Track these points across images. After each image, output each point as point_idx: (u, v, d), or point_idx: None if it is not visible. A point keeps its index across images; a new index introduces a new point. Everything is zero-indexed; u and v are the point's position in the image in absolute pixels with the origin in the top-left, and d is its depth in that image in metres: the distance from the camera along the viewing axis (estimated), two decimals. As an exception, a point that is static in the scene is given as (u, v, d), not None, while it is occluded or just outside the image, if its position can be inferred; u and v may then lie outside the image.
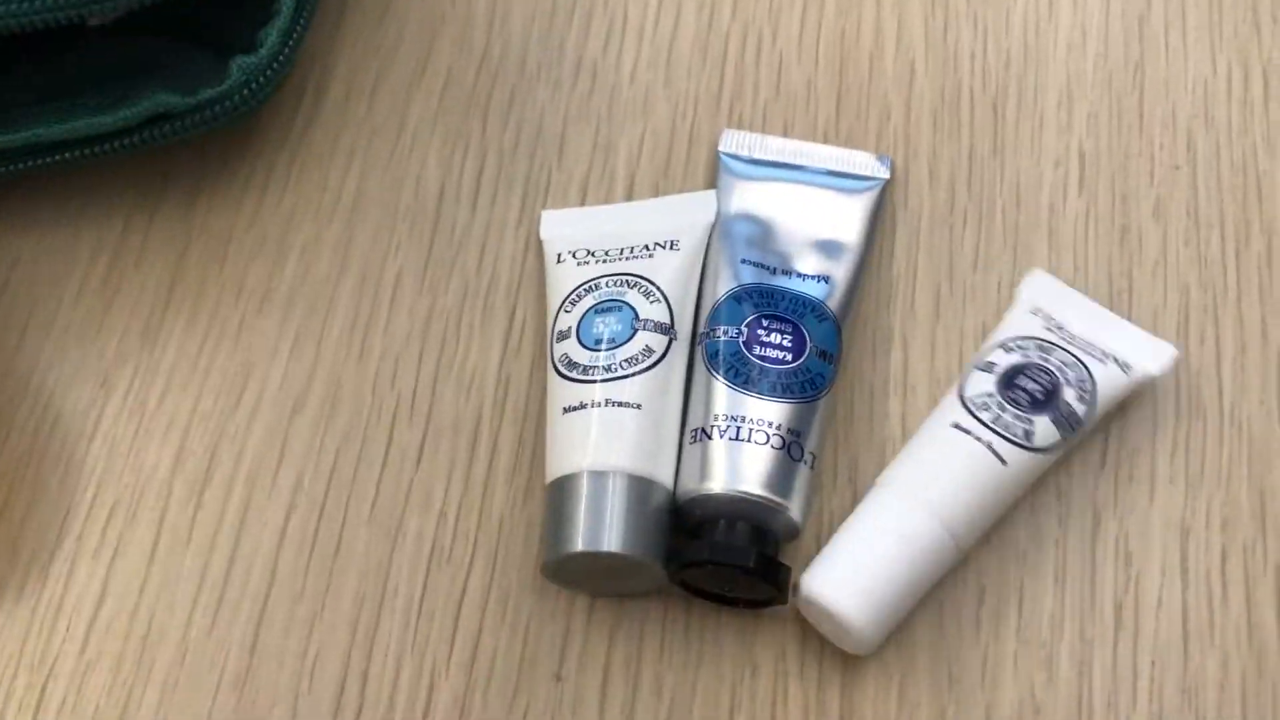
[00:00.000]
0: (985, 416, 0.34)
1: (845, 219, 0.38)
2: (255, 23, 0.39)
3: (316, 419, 0.38)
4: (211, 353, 0.39)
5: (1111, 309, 0.38)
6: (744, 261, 0.37)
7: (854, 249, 0.38)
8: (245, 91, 0.38)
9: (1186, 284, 0.39)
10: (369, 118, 0.42)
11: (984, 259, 0.39)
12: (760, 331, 0.36)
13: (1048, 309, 0.37)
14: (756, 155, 0.40)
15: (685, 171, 0.41)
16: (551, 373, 0.36)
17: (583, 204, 0.41)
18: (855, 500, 0.35)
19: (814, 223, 0.38)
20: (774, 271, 0.37)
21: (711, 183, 0.40)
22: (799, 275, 0.37)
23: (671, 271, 0.37)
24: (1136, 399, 0.37)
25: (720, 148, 0.40)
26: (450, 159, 0.41)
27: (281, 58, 0.39)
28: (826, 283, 0.37)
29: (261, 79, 0.38)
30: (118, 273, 0.40)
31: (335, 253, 0.40)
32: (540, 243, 0.40)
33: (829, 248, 0.38)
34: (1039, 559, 0.35)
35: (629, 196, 0.41)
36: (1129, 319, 0.38)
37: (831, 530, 0.35)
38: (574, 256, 0.38)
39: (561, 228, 0.39)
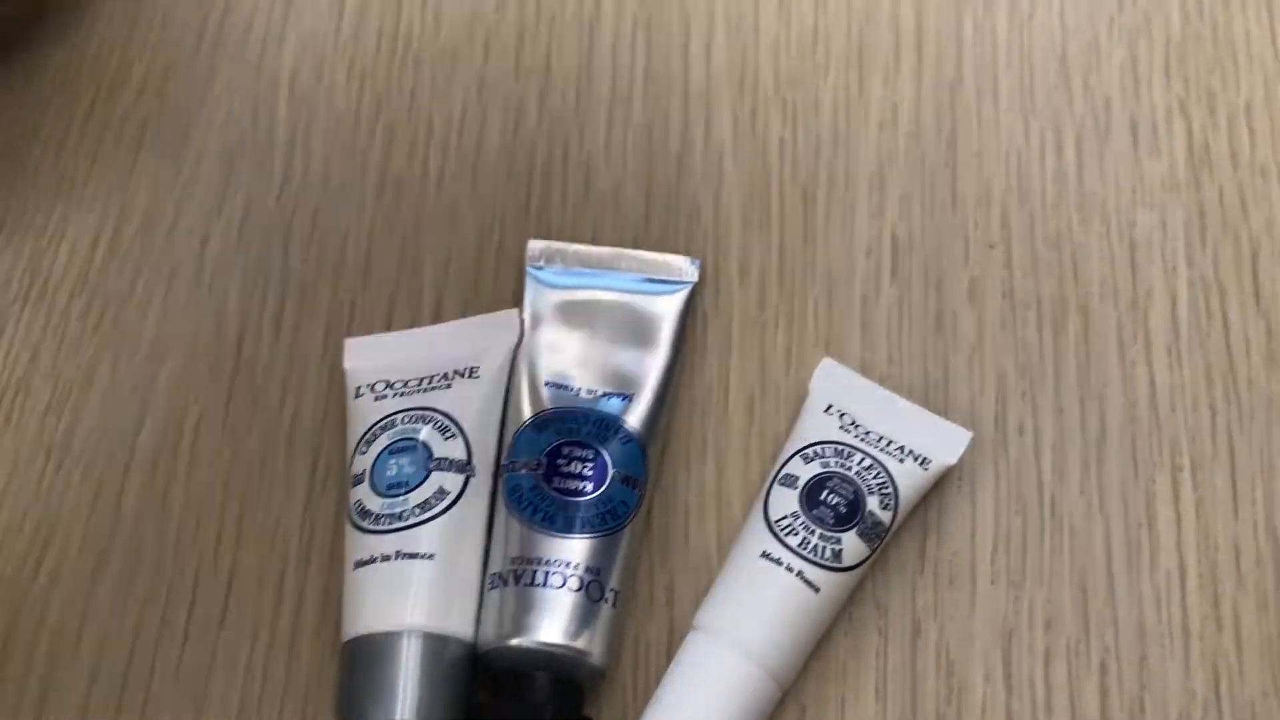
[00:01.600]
0: (793, 541, 0.33)
1: (653, 327, 0.37)
2: None
3: (118, 581, 0.37)
4: (8, 516, 0.38)
5: (927, 401, 0.37)
6: (547, 384, 0.36)
7: (662, 358, 0.37)
8: None
9: (1004, 370, 0.38)
10: (168, 255, 0.41)
11: (796, 359, 0.38)
12: (560, 461, 0.34)
13: (841, 403, 0.36)
14: (560, 266, 0.39)
15: (494, 287, 0.40)
16: (346, 523, 0.35)
17: (389, 328, 0.39)
18: (672, 627, 0.35)
19: (621, 334, 0.37)
20: (577, 393, 0.36)
21: (521, 297, 0.39)
22: (604, 395, 0.36)
23: (470, 401, 0.36)
24: (955, 495, 0.36)
25: (527, 261, 0.39)
26: (251, 293, 0.40)
27: None
28: (631, 400, 0.36)
29: None
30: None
31: (134, 398, 0.39)
32: (344, 375, 0.39)
33: (636, 360, 0.36)
34: (859, 674, 0.34)
35: (437, 317, 0.40)
36: (944, 411, 0.37)
37: (648, 661, 0.34)
38: (372, 390, 0.37)
39: (364, 358, 0.38)
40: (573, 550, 0.33)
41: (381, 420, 0.36)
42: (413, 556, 0.33)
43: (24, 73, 0.44)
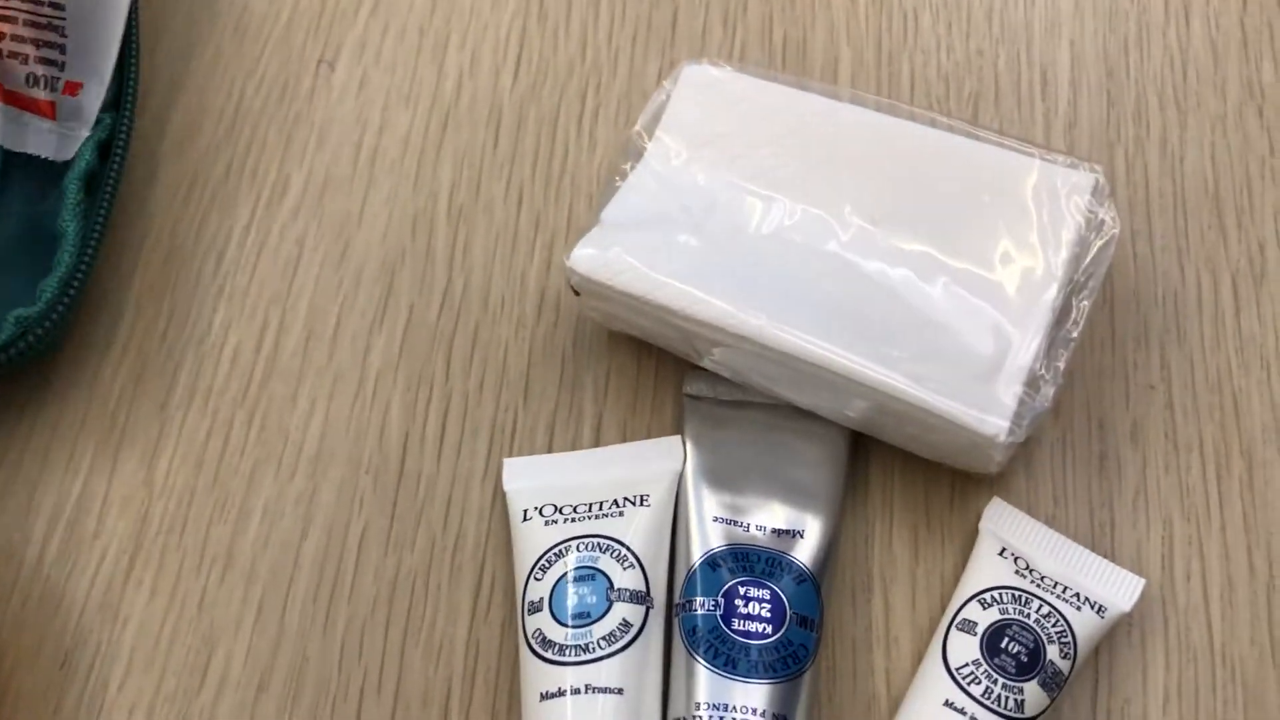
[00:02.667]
0: (976, 691, 0.33)
1: (817, 459, 0.38)
2: (35, 275, 0.40)
3: (282, 697, 0.37)
4: (173, 628, 0.38)
5: (1093, 544, 0.37)
6: (716, 519, 0.36)
7: (828, 491, 0.37)
8: (23, 343, 0.38)
9: (1169, 514, 0.38)
10: (330, 364, 0.42)
11: (961, 496, 0.38)
12: (738, 602, 0.35)
13: (1014, 546, 0.36)
14: (722, 396, 0.39)
15: (653, 409, 0.40)
16: (525, 650, 0.35)
17: (550, 447, 0.40)
18: (842, 766, 0.34)
19: (785, 467, 0.37)
20: (747, 528, 0.36)
21: (679, 420, 0.39)
22: (774, 531, 0.36)
23: (643, 532, 0.36)
24: (1125, 642, 0.36)
25: (685, 389, 0.40)
26: (414, 405, 0.41)
27: (61, 307, 0.39)
28: (801, 537, 0.36)
29: (40, 330, 0.39)
30: (75, 541, 0.39)
31: (297, 510, 0.39)
32: (506, 496, 0.39)
33: (802, 493, 0.37)
34: (1035, 825, 0.34)
35: (597, 437, 0.40)
36: (1111, 554, 0.37)
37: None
38: (540, 514, 0.37)
39: (526, 479, 0.38)
40: (757, 696, 0.33)
41: (555, 547, 0.36)
42: (602, 691, 0.33)
43: (185, 185, 0.45)
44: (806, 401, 0.36)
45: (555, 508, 0.37)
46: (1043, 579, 0.35)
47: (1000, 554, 0.36)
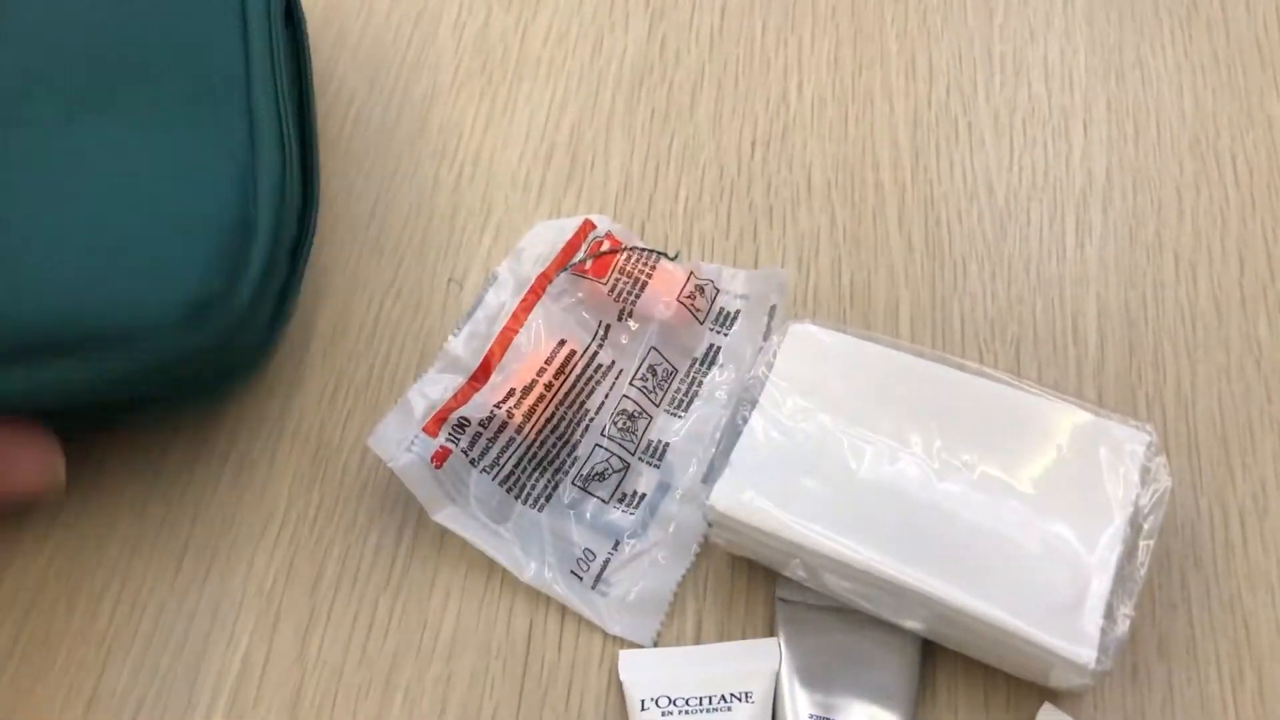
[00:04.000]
0: None
1: (895, 662, 0.44)
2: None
3: None
4: (326, 794, 0.43)
5: (1129, 746, 0.43)
6: (811, 717, 0.42)
7: (905, 692, 0.43)
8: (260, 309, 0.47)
9: (1192, 721, 0.44)
10: (463, 554, 0.47)
11: (1014, 697, 0.44)
12: (828, 788, 0.40)
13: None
14: (809, 600, 0.45)
15: (746, 609, 0.46)
16: (647, 830, 0.40)
17: (657, 640, 0.46)
18: None
19: (867, 668, 0.43)
20: (837, 725, 0.42)
21: (771, 621, 0.45)
22: (859, 728, 0.42)
23: (747, 726, 0.42)
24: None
25: (778, 593, 0.46)
26: (536, 596, 0.47)
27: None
28: (882, 733, 0.42)
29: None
30: (237, 711, 0.44)
31: (435, 691, 0.45)
32: (620, 683, 0.44)
33: (883, 693, 0.42)
34: None
35: (699, 633, 0.46)
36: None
37: None
38: (656, 704, 0.43)
39: (641, 671, 0.44)
40: None
41: (672, 735, 0.42)
42: None
43: (330, 386, 0.51)
44: (895, 618, 0.42)
45: (669, 699, 0.43)
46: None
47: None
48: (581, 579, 0.45)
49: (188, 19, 0.51)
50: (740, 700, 0.42)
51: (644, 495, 0.47)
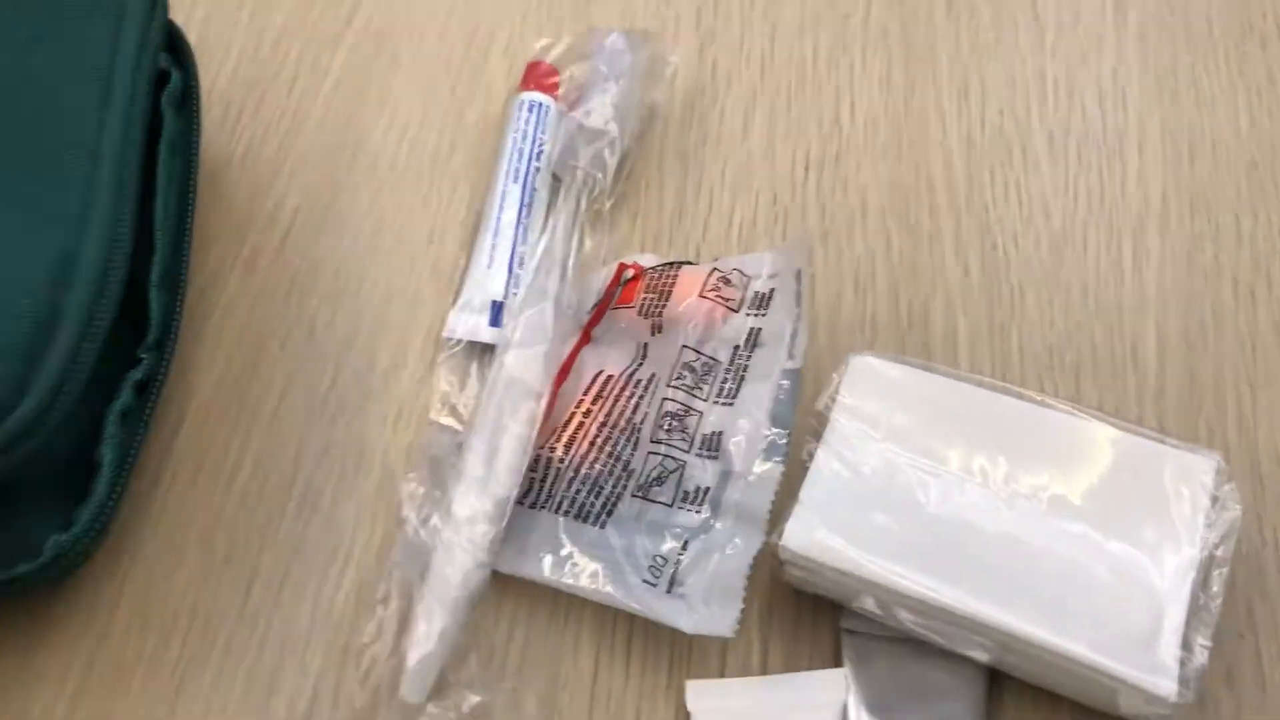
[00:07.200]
0: None
1: (964, 692, 0.44)
2: (70, 500, 0.44)
3: None
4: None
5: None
6: (880, 748, 0.42)
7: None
8: (57, 566, 0.44)
9: (1260, 752, 0.44)
10: (526, 588, 0.48)
11: (1082, 729, 0.45)
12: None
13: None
14: (875, 631, 0.45)
15: (812, 640, 0.46)
16: None
17: (723, 670, 0.46)
18: None
19: (934, 698, 0.43)
20: (907, 757, 0.42)
21: (835, 651, 0.45)
22: (930, 759, 0.42)
23: (817, 758, 0.42)
24: None
25: (843, 624, 0.46)
26: (602, 624, 0.47)
27: (91, 534, 0.44)
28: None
29: (72, 553, 0.44)
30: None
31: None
32: (688, 713, 0.45)
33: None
34: None
35: (765, 664, 0.46)
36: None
37: None
38: (725, 735, 0.43)
39: (709, 699, 0.44)
40: None
41: (743, 768, 0.42)
42: None
43: (395, 408, 0.52)
44: (966, 650, 0.42)
45: (738, 730, 0.43)
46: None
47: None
48: (655, 585, 0.45)
49: (42, 80, 0.46)
50: (809, 733, 0.43)
51: (707, 489, 0.47)
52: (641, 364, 0.50)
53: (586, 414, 0.49)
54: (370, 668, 0.45)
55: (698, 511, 0.46)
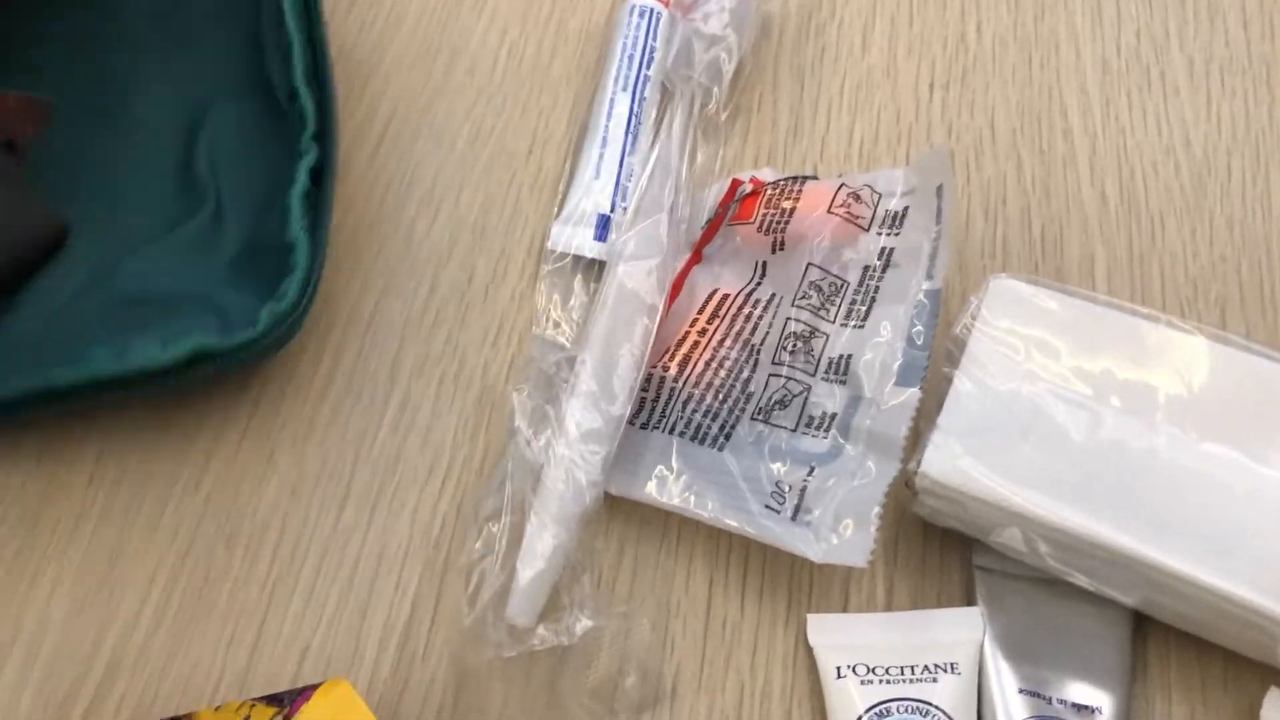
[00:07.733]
0: None
1: (1107, 635, 0.41)
2: (278, 275, 0.46)
3: (608, 826, 0.40)
4: (503, 752, 0.41)
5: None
6: (1021, 691, 0.39)
7: (1119, 667, 0.40)
8: (272, 336, 0.45)
9: None
10: (636, 511, 0.45)
11: (1233, 678, 0.41)
12: (1047, 773, 0.38)
13: None
14: (1009, 570, 0.42)
15: (941, 576, 0.44)
16: (852, 805, 0.38)
17: (845, 605, 0.43)
18: None
19: (1076, 641, 0.40)
20: (1049, 701, 0.39)
21: (966, 588, 0.43)
22: (1074, 705, 0.39)
23: (955, 698, 0.39)
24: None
25: (975, 561, 0.43)
26: (716, 552, 0.44)
27: (301, 305, 0.46)
28: (1101, 713, 0.39)
29: (285, 324, 0.45)
30: (404, 665, 0.43)
31: (613, 648, 0.43)
32: (809, 647, 0.42)
33: (1095, 669, 0.40)
34: None
35: (890, 600, 0.43)
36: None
37: None
38: (854, 672, 0.40)
39: (832, 634, 0.42)
40: None
41: (875, 707, 0.39)
42: None
43: (496, 323, 0.49)
44: (1112, 589, 0.39)
45: (868, 668, 0.40)
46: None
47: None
48: (779, 512, 0.42)
49: None
50: (945, 671, 0.40)
51: (834, 415, 0.44)
52: (761, 283, 0.47)
53: (702, 333, 0.46)
54: (479, 584, 0.43)
55: (824, 437, 0.43)
